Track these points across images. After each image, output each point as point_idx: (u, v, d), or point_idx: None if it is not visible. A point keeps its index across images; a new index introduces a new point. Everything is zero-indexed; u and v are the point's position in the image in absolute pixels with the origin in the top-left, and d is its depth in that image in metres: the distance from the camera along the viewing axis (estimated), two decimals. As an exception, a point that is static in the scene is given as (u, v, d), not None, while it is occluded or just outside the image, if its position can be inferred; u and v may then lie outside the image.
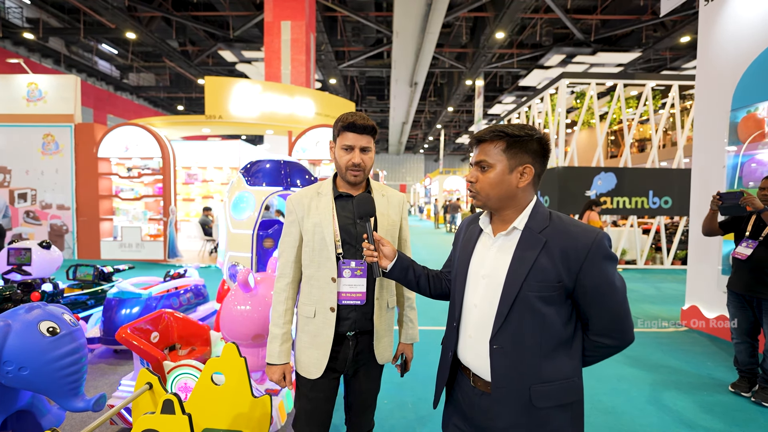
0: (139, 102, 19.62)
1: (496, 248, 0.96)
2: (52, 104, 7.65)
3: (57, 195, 7.70)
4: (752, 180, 3.47)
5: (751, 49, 3.43)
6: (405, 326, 1.43)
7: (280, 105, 8.77)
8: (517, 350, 0.90)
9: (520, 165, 0.92)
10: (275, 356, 1.25)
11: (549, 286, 0.88)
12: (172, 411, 1.07)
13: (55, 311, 1.45)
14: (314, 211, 1.25)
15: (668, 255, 7.29)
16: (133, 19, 11.22)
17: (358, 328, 1.25)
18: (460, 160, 35.69)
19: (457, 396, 1.04)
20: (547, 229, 0.91)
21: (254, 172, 2.79)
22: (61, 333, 1.39)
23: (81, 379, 1.42)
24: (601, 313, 0.90)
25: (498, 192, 0.94)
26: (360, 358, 1.28)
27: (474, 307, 0.97)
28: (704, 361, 3.14)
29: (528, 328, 0.90)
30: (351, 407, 1.36)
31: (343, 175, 1.25)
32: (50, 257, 3.47)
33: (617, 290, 0.90)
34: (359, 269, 1.23)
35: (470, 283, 0.99)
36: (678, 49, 12.26)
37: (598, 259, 0.87)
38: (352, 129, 1.20)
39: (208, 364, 1.47)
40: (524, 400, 0.89)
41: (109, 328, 2.88)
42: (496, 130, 0.93)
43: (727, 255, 3.70)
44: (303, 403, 1.27)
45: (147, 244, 7.52)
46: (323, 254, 1.23)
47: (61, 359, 1.36)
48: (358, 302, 1.23)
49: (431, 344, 3.45)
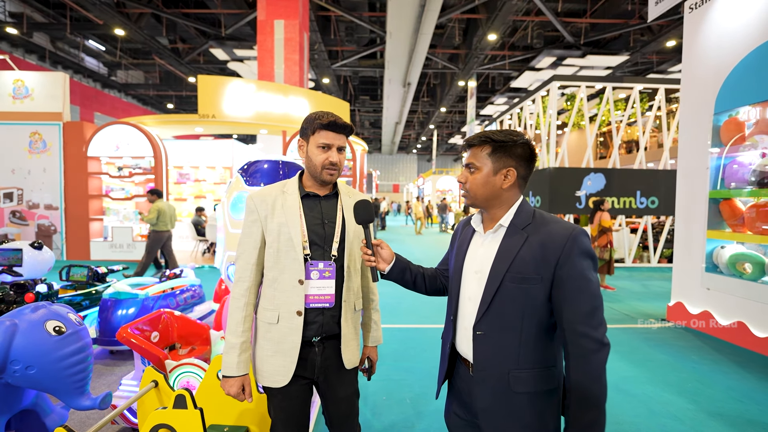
0: (127, 100, 19.25)
1: (486, 245, 1.04)
2: (39, 102, 7.49)
3: (45, 194, 7.55)
4: (734, 181, 3.61)
5: (733, 56, 3.57)
6: (370, 329, 1.38)
7: (274, 104, 8.73)
8: (497, 336, 0.97)
9: (503, 168, 1.00)
10: (233, 368, 1.15)
11: (529, 278, 0.95)
12: (184, 406, 1.10)
13: (60, 310, 1.46)
14: (279, 211, 1.19)
15: (655, 253, 7.50)
16: (122, 15, 11.02)
17: (324, 332, 1.20)
18: (453, 161, 35.91)
19: (457, 385, 1.10)
20: (529, 226, 0.98)
21: (253, 172, 2.80)
22: (68, 332, 1.40)
23: (87, 378, 1.44)
24: (576, 307, 0.92)
25: (484, 192, 1.02)
26: (328, 364, 1.23)
27: (468, 301, 1.04)
28: (689, 355, 3.27)
29: (509, 315, 0.96)
30: (333, 418, 1.28)
31: (317, 174, 1.20)
32: (42, 258, 3.43)
33: (592, 284, 0.92)
34: (327, 270, 1.19)
35: (465, 278, 1.06)
36: (664, 53, 12.57)
37: (573, 253, 0.92)
38: (332, 128, 1.18)
39: (214, 362, 1.50)
40: (503, 384, 0.95)
41: (106, 329, 2.87)
42: (483, 136, 1.01)
43: (710, 254, 3.85)
44: (277, 413, 1.21)
45: (138, 245, 7.42)
46: (289, 255, 1.17)
47: (68, 358, 1.38)
48: (327, 305, 1.19)
49: (427, 341, 3.52)
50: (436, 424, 2.18)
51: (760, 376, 2.87)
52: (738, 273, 3.53)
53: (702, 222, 3.87)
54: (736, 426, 2.23)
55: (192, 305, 3.50)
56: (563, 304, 0.94)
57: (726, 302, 3.62)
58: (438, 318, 4.19)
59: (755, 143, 3.38)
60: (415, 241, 12.24)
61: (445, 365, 1.11)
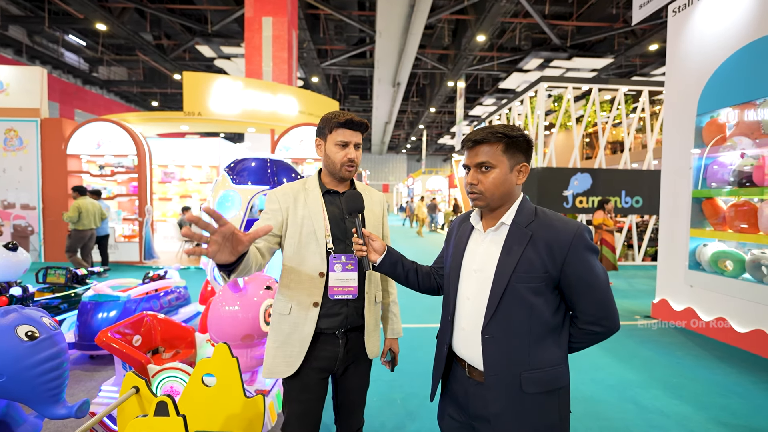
0: (109, 97, 18.69)
1: (486, 243, 1.01)
2: (14, 97, 7.19)
3: (21, 194, 7.26)
4: (715, 181, 3.70)
5: (716, 58, 3.67)
6: (390, 321, 1.43)
7: (262, 102, 8.59)
8: (507, 339, 0.95)
9: (517, 164, 0.98)
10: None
11: (536, 277, 0.93)
12: (166, 413, 1.05)
13: (33, 314, 1.38)
14: (302, 205, 1.24)
15: (639, 252, 7.67)
16: (104, 9, 10.68)
17: (349, 324, 1.25)
18: (442, 161, 36.12)
19: (452, 387, 1.07)
20: (532, 224, 0.96)
21: (240, 171, 2.74)
22: (41, 337, 1.33)
23: (63, 385, 1.36)
24: (588, 302, 0.95)
25: (501, 191, 0.98)
26: (350, 356, 1.28)
27: (467, 300, 1.01)
28: (673, 351, 3.34)
29: (517, 317, 0.94)
30: (341, 406, 1.34)
31: (336, 171, 1.24)
32: (16, 260, 3.27)
33: (600, 279, 0.95)
34: (350, 263, 1.23)
35: (463, 277, 1.03)
36: (647, 56, 12.90)
37: (580, 250, 0.93)
38: (349, 126, 1.22)
39: (199, 366, 1.44)
40: (515, 386, 0.94)
41: (85, 332, 2.76)
42: (496, 132, 0.96)
43: (693, 251, 3.94)
44: (293, 406, 1.23)
45: (121, 246, 7.21)
46: (309, 248, 1.21)
47: (41, 364, 1.30)
48: (350, 296, 1.23)
49: (419, 341, 3.50)
50: (428, 425, 2.16)
51: (741, 371, 2.95)
52: (720, 270, 3.63)
53: (685, 221, 3.96)
54: (719, 420, 2.28)
55: (177, 307, 3.40)
56: (576, 300, 0.95)
57: (708, 299, 3.71)
58: (430, 317, 4.18)
59: (734, 144, 3.48)
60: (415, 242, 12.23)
61: (442, 367, 1.08)
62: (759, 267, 3.28)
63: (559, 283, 0.95)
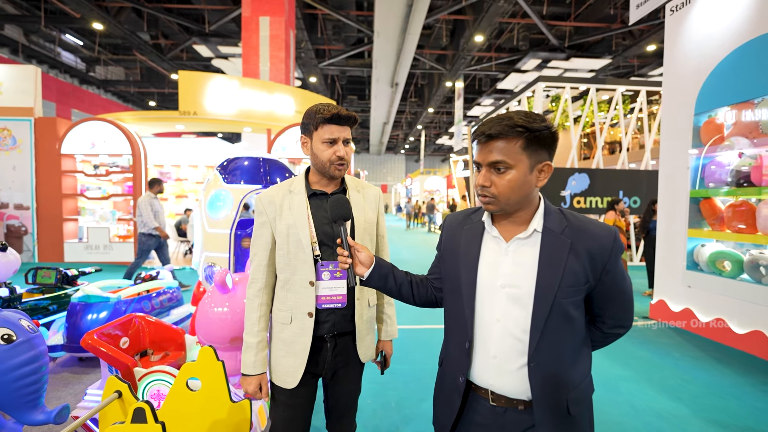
0: (107, 96, 18.61)
1: (513, 254, 0.86)
2: (8, 96, 7.13)
3: (14, 194, 7.19)
4: (712, 181, 3.68)
5: (712, 59, 3.65)
6: (384, 324, 1.39)
7: (258, 102, 8.55)
8: (554, 363, 0.84)
9: (539, 163, 0.83)
10: (250, 366, 1.16)
11: (579, 290, 0.84)
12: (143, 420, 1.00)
13: (10, 317, 1.34)
14: (287, 212, 1.17)
15: (637, 252, 7.66)
16: (101, 8, 10.62)
17: (336, 330, 1.20)
18: (441, 161, 36.11)
19: (471, 418, 0.93)
20: (567, 230, 0.84)
21: (232, 170, 2.70)
22: (18, 340, 1.28)
23: (40, 390, 1.32)
24: (619, 307, 0.90)
25: (519, 195, 0.83)
26: (339, 360, 1.23)
27: (496, 323, 0.86)
28: (671, 352, 3.31)
29: (562, 337, 0.84)
30: (331, 411, 1.30)
31: (325, 170, 1.17)
32: (6, 260, 3.21)
33: (628, 282, 0.90)
34: (339, 271, 1.17)
35: (484, 295, 0.88)
36: (645, 57, 12.91)
37: (616, 256, 0.86)
38: (336, 121, 1.13)
39: (183, 369, 1.40)
40: (563, 412, 0.85)
41: (74, 334, 2.71)
42: (515, 125, 0.79)
43: (691, 252, 3.92)
44: (280, 411, 1.20)
45: (116, 246, 7.14)
46: (299, 257, 1.16)
47: (18, 369, 1.26)
48: (339, 305, 1.18)
49: (413, 343, 3.46)
50: (422, 428, 2.12)
51: (739, 372, 2.92)
52: (718, 271, 3.60)
53: (683, 221, 3.94)
54: (717, 422, 2.25)
55: (169, 308, 3.35)
56: (608, 306, 0.90)
57: (706, 300, 3.69)
58: (424, 318, 4.14)
59: (732, 144, 3.46)
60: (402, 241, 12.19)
61: (458, 402, 0.91)
62: (757, 267, 3.25)
63: (592, 291, 0.87)
